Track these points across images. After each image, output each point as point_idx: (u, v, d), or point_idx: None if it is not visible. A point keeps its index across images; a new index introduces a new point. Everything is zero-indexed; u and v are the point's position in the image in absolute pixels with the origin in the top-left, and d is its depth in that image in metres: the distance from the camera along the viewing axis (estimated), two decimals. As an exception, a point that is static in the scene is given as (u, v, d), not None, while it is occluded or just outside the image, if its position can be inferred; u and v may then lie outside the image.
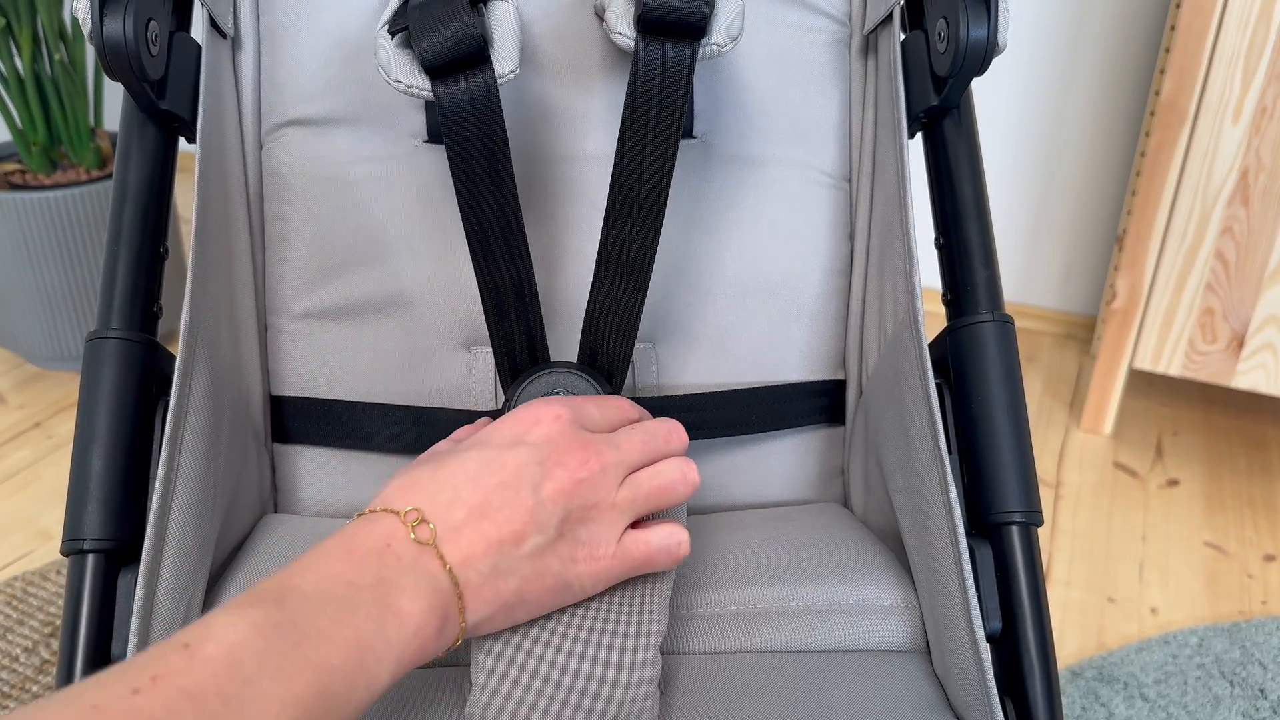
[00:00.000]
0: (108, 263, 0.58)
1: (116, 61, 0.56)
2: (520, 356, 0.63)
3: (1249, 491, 1.44)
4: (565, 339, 0.69)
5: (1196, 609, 1.23)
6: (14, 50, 1.49)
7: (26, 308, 1.57)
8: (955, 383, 0.60)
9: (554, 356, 0.67)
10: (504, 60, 0.58)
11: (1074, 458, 1.50)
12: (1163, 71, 1.31)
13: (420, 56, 0.56)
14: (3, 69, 1.49)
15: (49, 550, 1.28)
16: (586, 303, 0.62)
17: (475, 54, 0.56)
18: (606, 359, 0.63)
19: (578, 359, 0.64)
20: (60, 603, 1.19)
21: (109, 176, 1.59)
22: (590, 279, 0.65)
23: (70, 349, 1.60)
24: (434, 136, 0.68)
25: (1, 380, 1.62)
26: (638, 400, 0.67)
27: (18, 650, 1.13)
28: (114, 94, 1.89)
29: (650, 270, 0.61)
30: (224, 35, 0.67)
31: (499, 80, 0.57)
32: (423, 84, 0.57)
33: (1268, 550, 1.33)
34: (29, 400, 1.57)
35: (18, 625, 1.16)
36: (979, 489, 0.57)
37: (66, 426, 1.51)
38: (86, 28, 0.56)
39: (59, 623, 1.16)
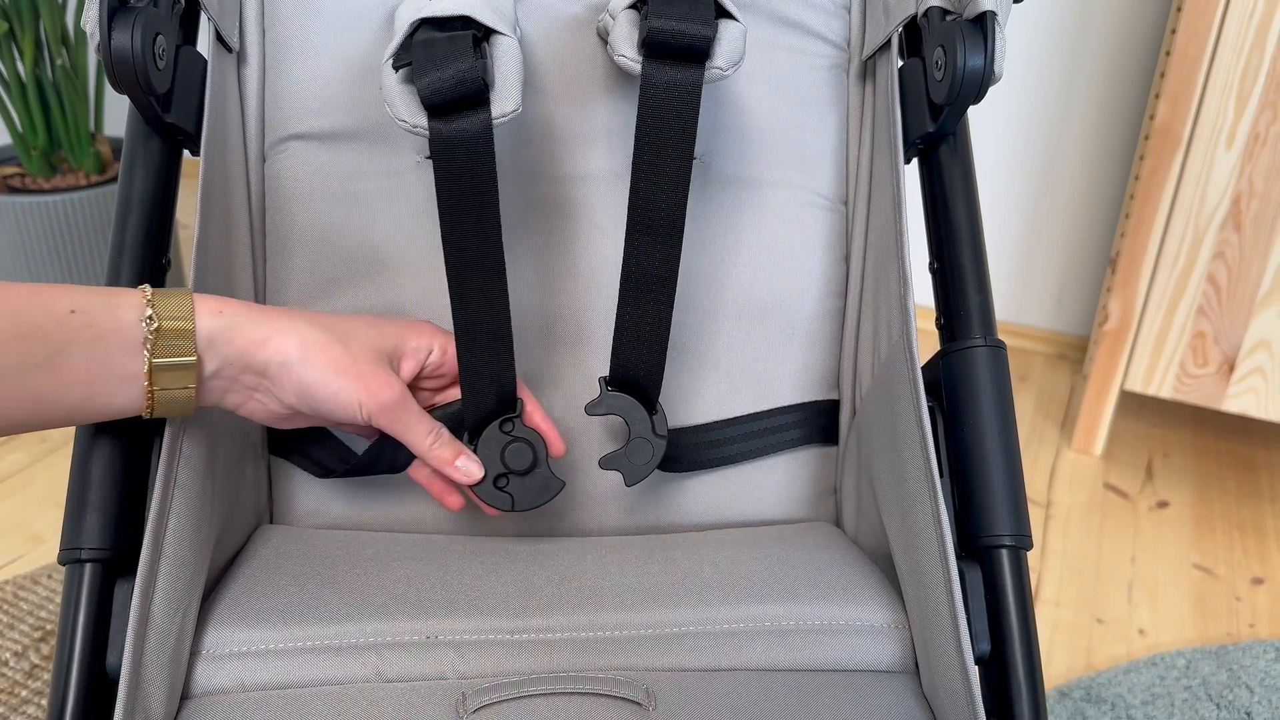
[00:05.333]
0: (110, 274, 0.58)
1: (123, 75, 0.57)
2: (485, 395, 0.63)
3: (1238, 514, 1.45)
4: (566, 356, 0.70)
5: (1184, 631, 1.24)
6: (16, 54, 1.49)
7: (23, 311, 1.57)
8: (947, 406, 0.60)
9: (553, 375, 0.67)
10: (506, 100, 0.58)
11: (1064, 478, 1.50)
12: (1157, 96, 1.33)
13: (421, 93, 0.56)
14: (4, 73, 1.49)
15: (41, 554, 1.28)
16: (614, 322, 0.63)
17: (474, 95, 0.57)
18: (641, 375, 0.64)
19: (610, 378, 0.65)
20: (51, 607, 1.19)
21: (108, 181, 1.59)
22: (593, 297, 0.66)
23: (66, 353, 1.59)
24: None
25: (-4, 383, 1.62)
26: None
27: (7, 654, 1.13)
28: (115, 99, 1.89)
29: (675, 283, 0.62)
30: (229, 49, 0.67)
31: (501, 119, 0.58)
32: (424, 123, 0.57)
33: (1256, 573, 1.34)
34: (23, 403, 1.57)
35: (8, 629, 1.16)
36: (970, 512, 0.58)
37: (60, 430, 1.51)
38: (94, 41, 0.56)
39: (49, 627, 1.16)
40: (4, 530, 1.32)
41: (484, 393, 0.63)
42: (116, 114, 1.94)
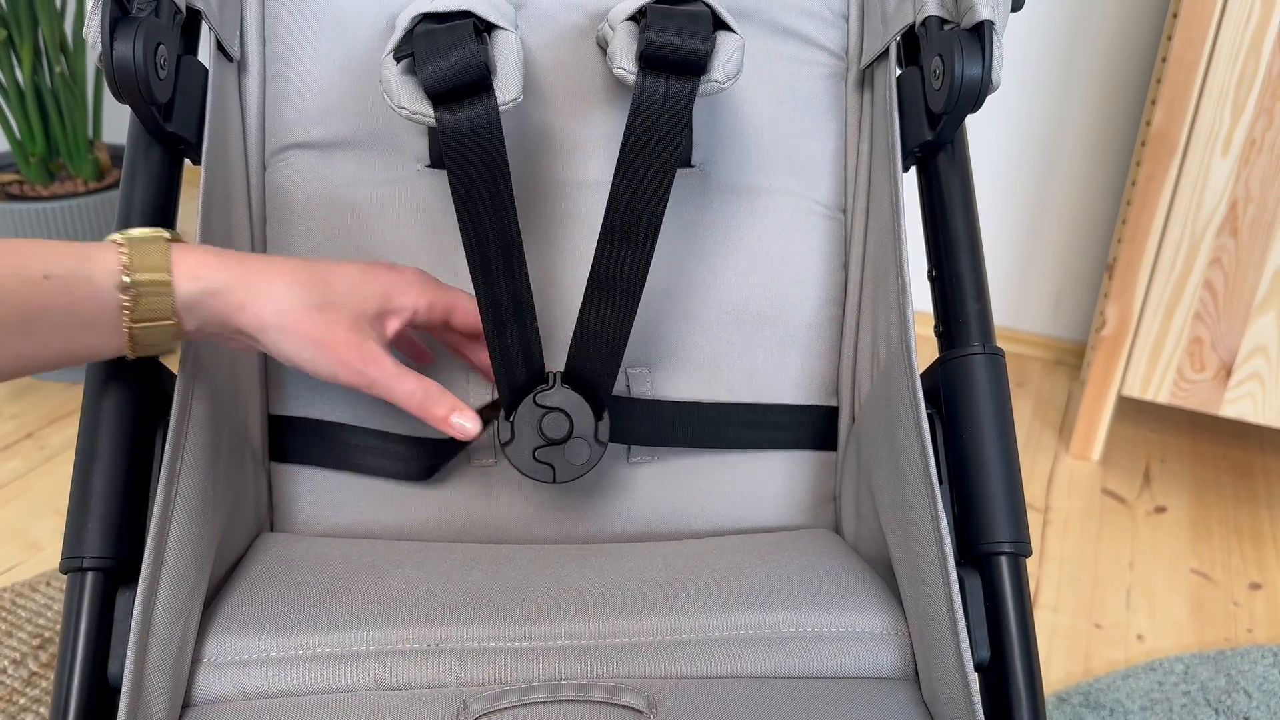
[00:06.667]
0: (112, 283, 0.59)
1: (125, 84, 0.57)
2: (517, 370, 0.64)
3: (1235, 519, 1.45)
4: (560, 361, 0.70)
5: (1182, 636, 1.24)
6: (15, 62, 1.49)
7: (21, 318, 1.57)
8: (946, 413, 0.60)
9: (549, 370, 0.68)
10: (507, 88, 0.59)
11: (1062, 483, 1.51)
12: (1154, 103, 1.33)
13: (424, 83, 0.57)
14: (3, 80, 1.49)
15: (39, 562, 1.28)
16: (575, 319, 0.63)
17: (478, 81, 0.57)
18: (592, 376, 0.64)
19: (564, 374, 0.65)
20: (49, 614, 1.19)
21: (107, 188, 1.59)
22: None
23: (64, 360, 1.59)
24: (436, 161, 0.69)
25: (-6, 390, 1.62)
26: (626, 406, 0.68)
27: (5, 662, 1.13)
28: (113, 106, 1.89)
29: (639, 293, 0.62)
30: (230, 58, 0.68)
31: (502, 107, 0.58)
32: (427, 110, 0.58)
33: (1254, 578, 1.34)
34: (21, 411, 1.57)
35: (6, 637, 1.16)
36: (969, 519, 0.58)
37: (59, 437, 1.51)
38: (96, 51, 0.56)
39: (47, 635, 1.16)
40: (2, 537, 1.31)
41: (515, 366, 0.64)
42: (115, 121, 1.94)
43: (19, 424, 1.54)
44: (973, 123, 0.67)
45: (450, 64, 0.56)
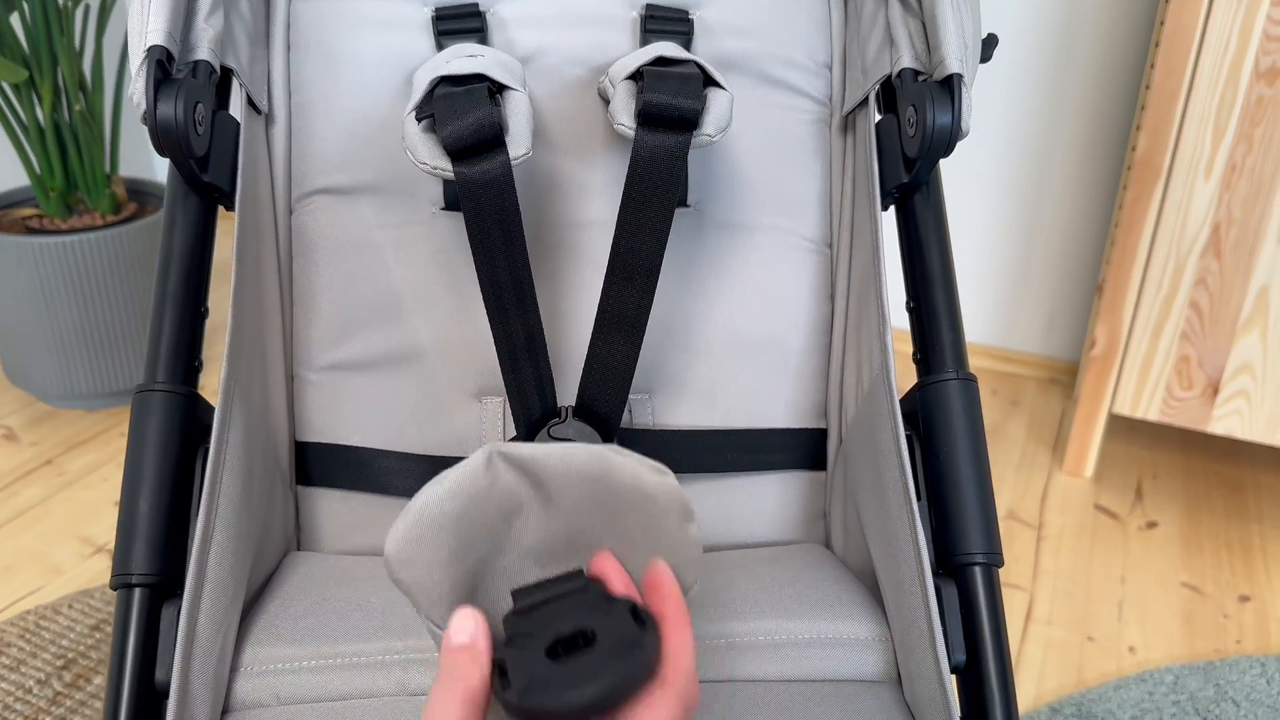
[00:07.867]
0: (154, 322, 0.63)
1: (168, 141, 0.62)
2: (532, 403, 0.68)
3: (1225, 533, 1.47)
4: (569, 388, 0.74)
5: (1173, 648, 1.26)
6: (35, 100, 1.54)
7: (40, 348, 1.60)
8: (924, 435, 0.65)
9: (559, 404, 0.72)
10: (518, 144, 0.64)
11: (1056, 500, 1.53)
12: (1139, 129, 1.36)
13: (444, 141, 0.62)
14: (24, 118, 1.54)
15: (60, 585, 1.30)
16: (585, 354, 0.68)
17: (492, 140, 0.62)
18: (603, 407, 0.69)
19: (575, 406, 0.69)
20: (73, 636, 1.22)
21: (123, 222, 1.63)
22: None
23: (82, 388, 1.62)
24: (451, 204, 0.74)
25: (14, 418, 1.65)
26: (632, 436, 0.73)
27: (31, 682, 1.15)
28: (129, 142, 1.94)
29: (644, 326, 0.67)
30: (259, 111, 0.73)
31: (514, 161, 0.63)
32: (446, 165, 0.63)
33: (1243, 591, 1.36)
34: (40, 438, 1.60)
35: (30, 658, 1.19)
36: (945, 532, 0.62)
37: (77, 464, 1.54)
38: (140, 110, 0.61)
39: (70, 656, 1.19)
40: (25, 562, 1.34)
41: (529, 401, 0.68)
42: (131, 156, 1.98)
43: (38, 451, 1.57)
44: (966, 146, 0.71)
45: (468, 124, 0.62)
